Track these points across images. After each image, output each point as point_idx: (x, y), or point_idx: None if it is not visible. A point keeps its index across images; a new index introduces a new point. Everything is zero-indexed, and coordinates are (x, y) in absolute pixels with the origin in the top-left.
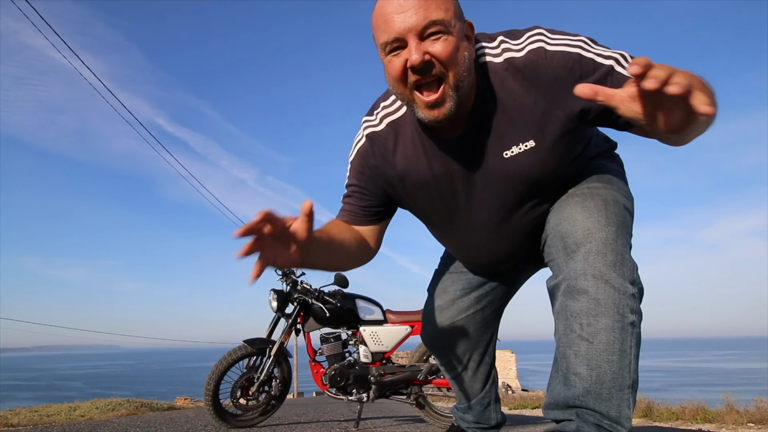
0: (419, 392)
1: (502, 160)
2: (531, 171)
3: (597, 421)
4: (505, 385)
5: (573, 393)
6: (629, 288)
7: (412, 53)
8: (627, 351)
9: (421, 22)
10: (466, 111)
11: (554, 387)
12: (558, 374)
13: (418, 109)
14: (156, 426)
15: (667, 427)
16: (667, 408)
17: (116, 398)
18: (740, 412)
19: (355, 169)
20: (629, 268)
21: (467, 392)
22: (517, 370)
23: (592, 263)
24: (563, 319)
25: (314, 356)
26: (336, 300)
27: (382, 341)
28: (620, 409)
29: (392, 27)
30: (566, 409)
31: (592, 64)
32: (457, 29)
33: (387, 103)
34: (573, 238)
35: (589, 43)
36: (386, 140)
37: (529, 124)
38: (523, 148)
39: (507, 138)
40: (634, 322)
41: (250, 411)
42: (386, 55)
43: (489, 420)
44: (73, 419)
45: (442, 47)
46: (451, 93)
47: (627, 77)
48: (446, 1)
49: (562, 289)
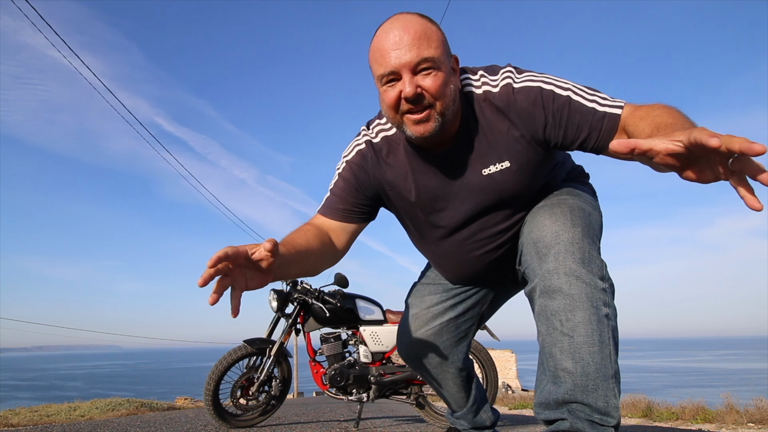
0: (419, 392)
1: (480, 176)
2: (505, 187)
3: (588, 417)
4: (505, 385)
5: (563, 389)
6: (599, 283)
7: (406, 86)
8: (606, 341)
9: (414, 59)
10: (452, 133)
11: (544, 387)
12: (546, 374)
13: (407, 128)
14: (156, 426)
15: (667, 427)
16: (667, 408)
17: (116, 398)
18: (740, 412)
19: (351, 165)
20: (597, 265)
21: (454, 402)
22: (517, 370)
23: (562, 262)
24: (544, 320)
25: (314, 356)
26: (336, 300)
27: (382, 341)
28: (607, 398)
29: (388, 61)
30: (557, 407)
31: (551, 95)
32: (445, 65)
33: (382, 122)
34: (543, 242)
35: (550, 78)
36: (381, 150)
37: (504, 147)
38: (499, 168)
39: (486, 157)
40: (608, 314)
41: (250, 411)
42: (382, 85)
43: (483, 422)
44: (73, 419)
45: (432, 82)
46: (437, 117)
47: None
48: (437, 40)
49: (539, 291)
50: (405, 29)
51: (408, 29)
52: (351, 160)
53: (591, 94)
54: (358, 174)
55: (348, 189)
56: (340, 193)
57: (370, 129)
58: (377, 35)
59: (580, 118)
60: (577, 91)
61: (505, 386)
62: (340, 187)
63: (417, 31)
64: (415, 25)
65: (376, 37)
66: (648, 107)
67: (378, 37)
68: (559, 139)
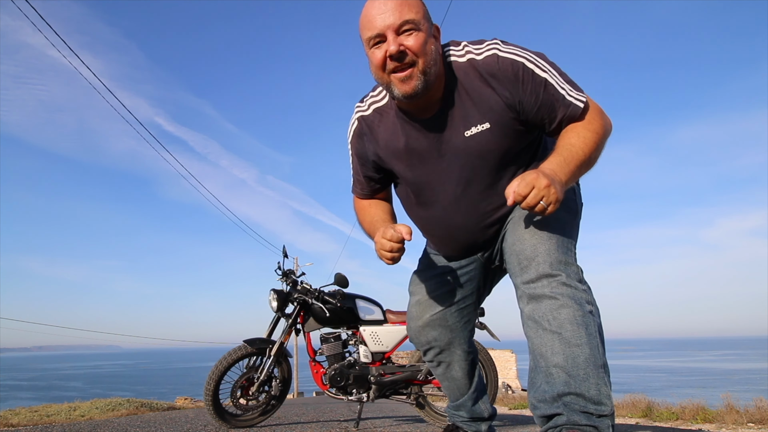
0: (419, 392)
1: (463, 138)
2: (486, 148)
3: (582, 408)
4: (505, 385)
5: (557, 384)
6: (579, 285)
7: (390, 45)
8: (593, 334)
9: (397, 21)
10: (437, 98)
11: (538, 387)
12: (539, 375)
13: (394, 87)
14: (156, 426)
15: (667, 427)
16: (667, 408)
17: (116, 398)
18: (740, 412)
19: (353, 146)
20: (574, 270)
21: (457, 389)
22: (517, 370)
23: (542, 270)
24: (532, 324)
25: (314, 356)
26: (336, 300)
27: (382, 341)
28: (598, 387)
29: (374, 25)
30: (552, 402)
31: (531, 74)
32: (425, 27)
33: (374, 94)
34: (524, 254)
35: (534, 57)
36: (372, 121)
37: (485, 110)
38: (480, 129)
39: (468, 119)
40: (592, 311)
41: (250, 411)
42: (370, 48)
43: (482, 413)
44: (73, 419)
45: (414, 40)
46: (419, 75)
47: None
48: (416, 6)
49: (525, 300)
50: None
51: None
52: (353, 144)
53: (563, 82)
54: (360, 151)
55: (361, 166)
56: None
57: (363, 102)
58: (365, 6)
59: (552, 101)
60: (553, 74)
61: (505, 386)
62: (356, 168)
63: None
64: None
65: (364, 7)
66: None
67: (365, 6)
68: (530, 114)
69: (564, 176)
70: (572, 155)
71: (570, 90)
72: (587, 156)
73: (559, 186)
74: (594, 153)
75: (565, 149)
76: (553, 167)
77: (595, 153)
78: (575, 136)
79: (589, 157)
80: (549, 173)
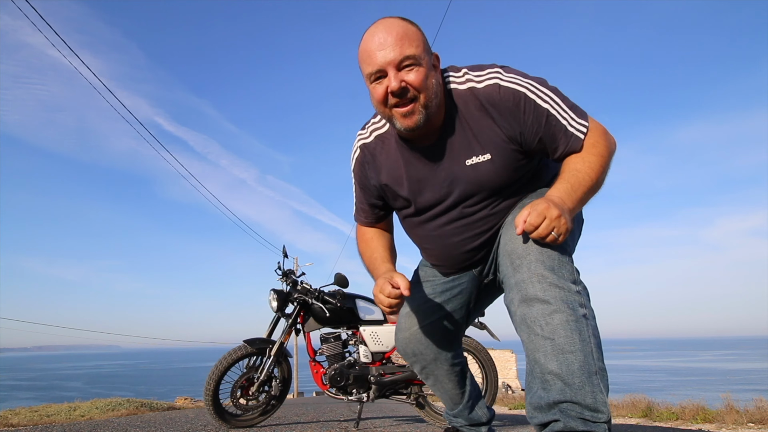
0: (419, 392)
1: (464, 167)
2: (486, 178)
3: (579, 415)
4: (505, 385)
5: (553, 392)
6: (572, 287)
7: (392, 81)
8: (587, 340)
9: (398, 57)
10: (437, 126)
11: (534, 393)
12: (535, 381)
13: (396, 121)
14: (156, 426)
15: (667, 427)
16: (667, 408)
17: (116, 398)
18: (740, 412)
19: (356, 175)
20: (568, 270)
21: (450, 399)
22: (517, 370)
23: (534, 270)
24: (525, 328)
25: (314, 356)
26: (336, 300)
27: (382, 341)
28: (594, 395)
29: (375, 61)
30: (549, 409)
31: (533, 105)
32: (426, 61)
33: (375, 121)
34: (516, 253)
35: (535, 87)
36: (374, 149)
37: (485, 140)
38: (481, 159)
39: (469, 149)
40: (586, 315)
41: (250, 411)
42: (371, 83)
43: (479, 418)
44: (73, 419)
45: (414, 76)
46: (421, 109)
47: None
48: (417, 39)
49: (516, 301)
50: (388, 31)
51: (390, 31)
52: (354, 170)
53: (565, 110)
54: (363, 179)
55: (365, 195)
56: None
57: (365, 129)
58: (364, 38)
59: (553, 131)
60: (554, 105)
61: (505, 386)
62: (360, 197)
63: (399, 32)
64: (396, 27)
65: (363, 40)
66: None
67: (365, 40)
68: (531, 145)
69: (572, 204)
70: (579, 182)
71: (572, 119)
72: (593, 181)
73: (569, 215)
74: (600, 177)
75: (571, 175)
76: (561, 195)
77: (601, 177)
78: (580, 162)
79: (596, 182)
80: (558, 202)
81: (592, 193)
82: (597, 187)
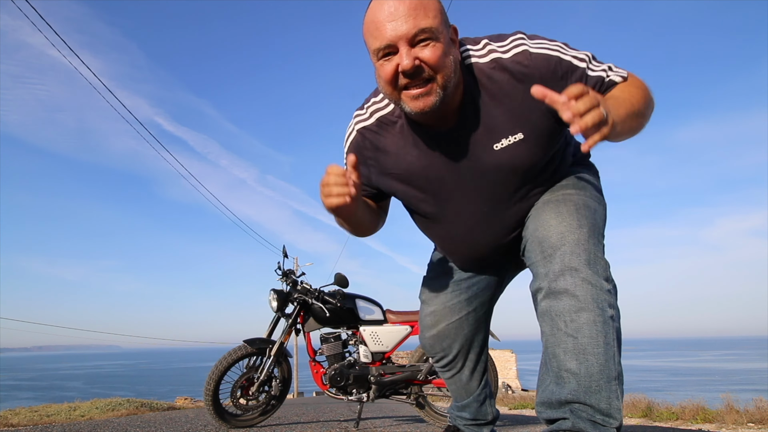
0: (419, 392)
1: (492, 152)
2: (521, 162)
3: (590, 417)
4: (505, 385)
5: (566, 390)
6: (604, 284)
7: (404, 59)
8: (611, 343)
9: (412, 30)
10: (455, 107)
11: (546, 386)
12: (549, 374)
13: (405, 104)
14: (156, 426)
15: (667, 427)
16: (667, 408)
17: (116, 398)
18: (740, 412)
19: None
20: (602, 266)
21: (464, 390)
22: (517, 370)
23: (568, 263)
24: (548, 320)
25: (314, 356)
26: (336, 300)
27: (382, 341)
28: (610, 400)
29: (384, 34)
30: (559, 407)
31: (570, 66)
32: (444, 35)
33: (377, 99)
34: (549, 242)
35: (565, 47)
36: (376, 133)
37: (517, 117)
38: (512, 140)
39: (497, 131)
40: (613, 316)
41: (250, 411)
42: (378, 59)
43: (486, 415)
44: (73, 419)
45: (431, 53)
46: (438, 90)
47: (597, 77)
48: (434, 9)
49: (544, 291)
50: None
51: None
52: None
53: (601, 64)
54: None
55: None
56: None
57: (364, 109)
58: (371, 7)
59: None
60: (591, 63)
61: (505, 386)
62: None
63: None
64: None
65: (370, 8)
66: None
67: (372, 8)
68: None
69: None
70: (619, 102)
71: (609, 70)
72: (635, 108)
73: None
74: (641, 107)
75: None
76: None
77: (643, 108)
78: (618, 91)
79: (638, 109)
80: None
81: (634, 119)
82: (638, 116)
